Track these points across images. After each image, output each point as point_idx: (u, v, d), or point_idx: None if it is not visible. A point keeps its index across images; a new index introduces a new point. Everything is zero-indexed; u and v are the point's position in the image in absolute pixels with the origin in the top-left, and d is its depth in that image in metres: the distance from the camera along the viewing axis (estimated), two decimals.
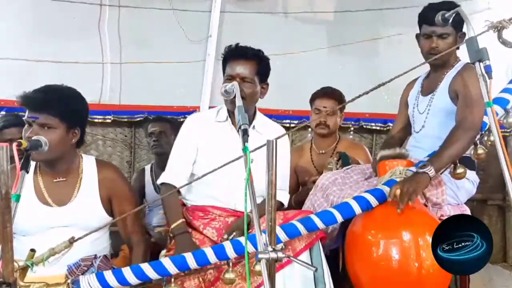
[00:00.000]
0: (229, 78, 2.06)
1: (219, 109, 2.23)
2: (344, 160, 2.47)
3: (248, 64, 2.07)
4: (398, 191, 1.83)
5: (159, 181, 2.16)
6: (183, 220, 2.05)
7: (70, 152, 1.92)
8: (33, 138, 1.71)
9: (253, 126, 2.15)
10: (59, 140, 1.80)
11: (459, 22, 2.03)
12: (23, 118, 1.82)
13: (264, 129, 2.19)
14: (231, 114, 2.15)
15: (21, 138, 1.98)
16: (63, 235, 1.76)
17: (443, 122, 2.17)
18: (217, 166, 1.68)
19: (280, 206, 2.20)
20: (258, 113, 2.23)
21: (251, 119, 2.16)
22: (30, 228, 1.83)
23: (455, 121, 2.08)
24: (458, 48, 2.21)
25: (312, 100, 2.89)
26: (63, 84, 1.91)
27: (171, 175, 2.12)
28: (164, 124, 3.14)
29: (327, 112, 2.77)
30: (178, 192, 2.10)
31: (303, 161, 2.93)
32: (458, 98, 2.12)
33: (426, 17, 2.17)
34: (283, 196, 2.22)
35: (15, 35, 3.40)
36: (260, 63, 2.11)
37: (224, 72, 2.15)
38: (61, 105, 1.80)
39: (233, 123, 2.14)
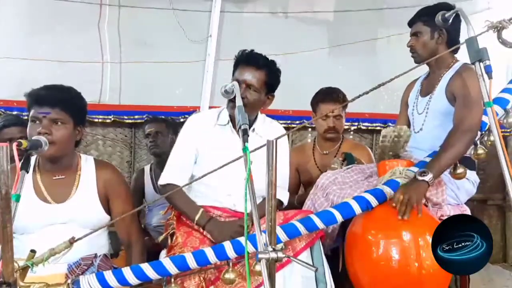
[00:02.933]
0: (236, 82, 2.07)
1: (220, 111, 2.22)
2: (350, 161, 2.45)
3: (257, 72, 2.06)
4: (401, 197, 1.83)
5: (160, 182, 2.15)
6: (202, 209, 2.05)
7: (72, 150, 1.94)
8: (33, 138, 1.71)
9: (253, 129, 2.14)
10: (68, 136, 1.86)
11: (431, 19, 2.05)
12: (33, 115, 1.82)
13: (265, 132, 2.17)
14: (232, 117, 2.14)
15: (21, 137, 2.00)
16: (61, 232, 1.77)
17: (441, 123, 2.17)
18: (217, 167, 1.67)
19: (279, 205, 2.20)
20: (259, 116, 2.22)
21: (251, 122, 2.15)
22: (28, 226, 1.83)
23: (453, 122, 2.08)
24: (457, 50, 2.21)
25: (316, 104, 2.81)
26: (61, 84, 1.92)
27: (173, 175, 2.11)
28: (160, 124, 3.14)
29: (334, 114, 2.73)
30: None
31: (305, 161, 2.91)
32: (455, 99, 2.12)
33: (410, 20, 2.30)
34: (283, 195, 2.22)
35: (15, 35, 3.40)
36: (270, 74, 2.10)
37: (233, 75, 2.14)
38: (71, 101, 1.87)
39: (234, 126, 2.13)
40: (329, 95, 2.77)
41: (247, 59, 2.09)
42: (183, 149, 2.15)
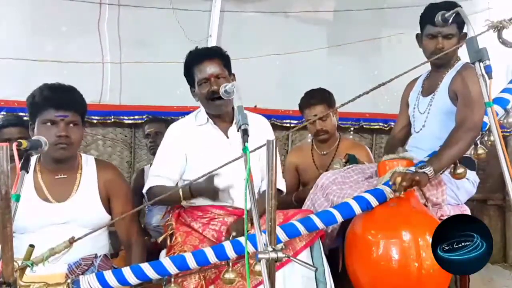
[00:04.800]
0: (205, 81, 2.10)
1: (196, 113, 2.25)
2: (352, 162, 2.45)
3: (214, 62, 2.12)
4: (399, 179, 1.85)
5: (144, 190, 2.14)
6: (181, 187, 2.05)
7: None
8: (33, 138, 1.71)
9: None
10: (81, 136, 1.93)
11: (462, 22, 2.03)
12: (48, 118, 1.82)
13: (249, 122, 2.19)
14: (210, 116, 2.18)
15: (20, 138, 2.00)
16: (62, 233, 1.76)
17: (443, 123, 2.17)
18: (209, 167, 1.67)
19: (279, 194, 2.21)
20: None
21: (232, 115, 2.17)
22: (29, 225, 1.84)
23: (455, 121, 2.08)
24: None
25: (301, 110, 2.83)
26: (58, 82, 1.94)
27: (157, 179, 2.11)
28: (160, 124, 3.13)
29: (322, 117, 2.72)
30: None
31: (304, 162, 2.91)
32: (457, 98, 2.12)
33: (431, 17, 2.13)
34: (280, 183, 2.23)
35: (15, 35, 3.40)
36: (222, 57, 2.16)
37: (191, 80, 2.18)
38: (81, 103, 1.92)
39: (215, 123, 2.17)
40: (310, 100, 2.77)
41: (200, 56, 2.15)
42: (168, 154, 2.16)
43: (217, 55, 2.15)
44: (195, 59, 2.15)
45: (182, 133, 2.19)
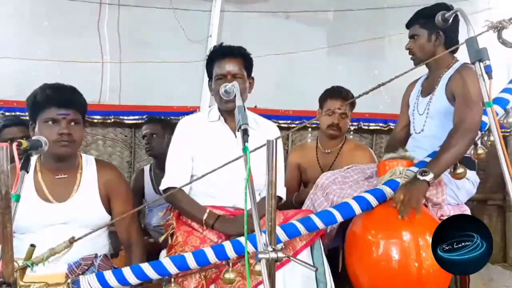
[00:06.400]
0: (221, 78, 2.11)
1: (210, 110, 2.27)
2: None
3: (235, 60, 2.13)
4: (401, 197, 1.84)
5: (161, 187, 2.15)
6: (209, 209, 2.06)
7: None
8: (33, 138, 1.71)
9: None
10: (82, 135, 1.94)
11: (428, 22, 2.06)
12: (50, 116, 1.83)
13: (257, 125, 2.21)
14: (223, 113, 2.18)
15: (22, 137, 2.00)
16: (62, 233, 1.77)
17: (442, 123, 2.17)
18: (215, 165, 1.68)
19: (279, 201, 2.20)
20: (247, 110, 2.24)
21: None
22: (29, 225, 1.84)
23: (453, 121, 2.08)
24: (456, 50, 2.22)
25: (324, 99, 2.83)
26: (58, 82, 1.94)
27: (172, 179, 2.12)
28: (155, 125, 3.13)
29: (340, 111, 2.73)
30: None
31: (307, 160, 2.92)
32: (455, 99, 2.12)
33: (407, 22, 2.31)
34: (281, 191, 2.22)
35: (14, 35, 3.40)
36: (245, 58, 2.18)
37: (210, 74, 2.20)
38: (82, 102, 1.93)
39: (226, 121, 2.18)
40: (338, 92, 2.80)
41: (222, 53, 2.17)
42: (178, 153, 2.17)
43: (239, 55, 2.16)
44: (218, 54, 2.17)
45: (189, 129, 2.20)
